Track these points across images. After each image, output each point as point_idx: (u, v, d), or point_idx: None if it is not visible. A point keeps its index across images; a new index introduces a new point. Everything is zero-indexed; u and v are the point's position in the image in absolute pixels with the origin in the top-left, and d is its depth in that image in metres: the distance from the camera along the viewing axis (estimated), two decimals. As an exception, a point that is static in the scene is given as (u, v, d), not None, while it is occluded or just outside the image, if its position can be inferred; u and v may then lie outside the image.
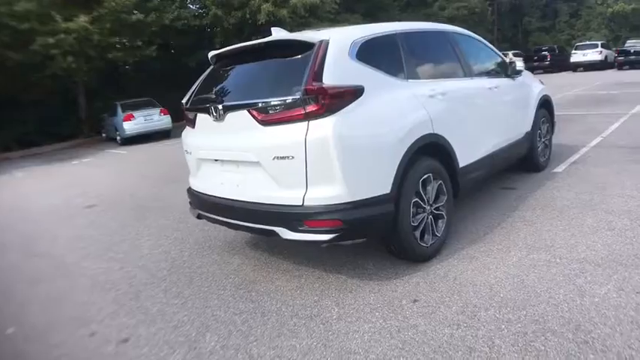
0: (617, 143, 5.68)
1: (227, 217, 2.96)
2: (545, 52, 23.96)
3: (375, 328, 2.31)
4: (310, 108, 2.42)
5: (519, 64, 4.43)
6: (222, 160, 2.95)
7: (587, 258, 2.78)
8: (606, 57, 22.69)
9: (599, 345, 1.97)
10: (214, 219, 3.12)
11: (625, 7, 32.57)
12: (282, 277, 3.01)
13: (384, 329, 2.30)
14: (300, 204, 2.51)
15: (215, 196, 3.01)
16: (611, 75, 18.54)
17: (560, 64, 23.75)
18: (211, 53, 3.28)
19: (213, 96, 2.95)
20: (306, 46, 2.62)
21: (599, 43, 23.41)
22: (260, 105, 2.61)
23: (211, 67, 3.32)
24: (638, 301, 2.25)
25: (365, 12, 18.60)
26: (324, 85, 2.42)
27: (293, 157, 2.47)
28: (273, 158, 2.55)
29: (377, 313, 2.45)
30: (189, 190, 3.38)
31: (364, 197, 2.50)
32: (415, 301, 2.52)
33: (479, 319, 2.28)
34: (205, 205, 3.15)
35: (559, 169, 4.78)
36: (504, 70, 4.13)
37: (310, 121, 2.43)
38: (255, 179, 2.72)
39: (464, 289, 2.58)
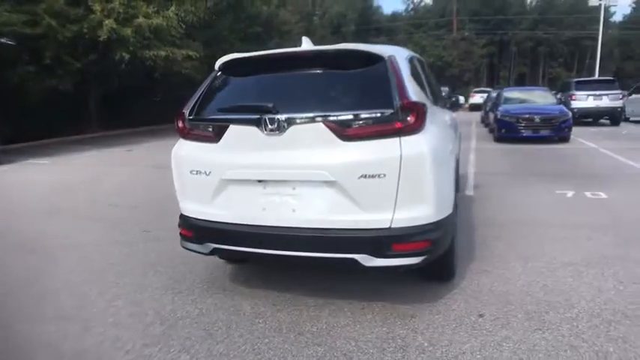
0: (486, 170, 7.04)
1: (273, 249, 2.54)
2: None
3: (476, 346, 2.31)
4: (403, 124, 2.33)
5: (461, 98, 5.03)
6: (268, 181, 2.52)
7: (572, 261, 3.36)
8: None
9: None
10: (246, 252, 2.65)
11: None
12: (324, 314, 2.72)
13: (487, 344, 2.32)
14: (388, 226, 2.36)
15: (252, 225, 2.56)
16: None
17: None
18: (227, 58, 2.81)
19: (267, 105, 2.48)
20: (374, 59, 2.54)
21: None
22: (341, 118, 2.37)
23: (219, 74, 2.87)
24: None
25: (205, 40, 18.72)
26: (417, 101, 2.39)
27: (384, 176, 2.31)
28: (359, 177, 2.33)
29: (461, 333, 2.44)
30: (189, 221, 2.79)
31: (444, 216, 2.51)
32: (481, 315, 2.62)
33: (549, 321, 2.51)
34: (230, 237, 2.63)
35: (470, 192, 5.63)
36: (445, 102, 4.50)
37: (402, 137, 2.34)
38: (323, 201, 2.43)
39: (510, 297, 2.81)
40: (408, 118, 2.33)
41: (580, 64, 52.19)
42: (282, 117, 2.42)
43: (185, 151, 2.77)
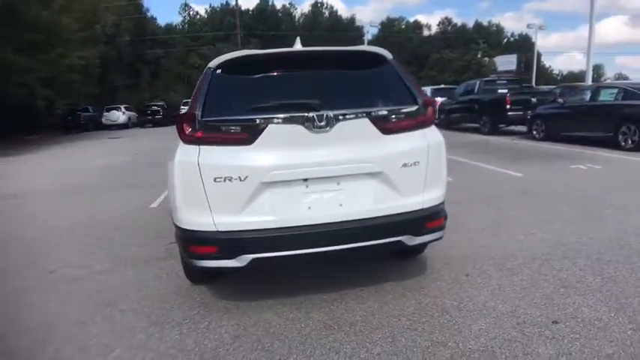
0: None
1: (319, 247, 2.48)
2: (158, 108, 26.03)
3: (488, 293, 2.83)
4: (425, 117, 2.66)
5: None
6: (311, 179, 2.45)
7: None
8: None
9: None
10: (295, 257, 2.47)
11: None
12: (352, 304, 2.80)
13: (491, 291, 2.86)
14: (422, 207, 2.64)
15: (297, 226, 2.44)
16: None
17: (172, 118, 26.77)
18: (233, 56, 2.55)
19: (314, 102, 2.39)
20: (381, 60, 2.76)
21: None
22: (382, 113, 2.54)
23: (218, 71, 2.59)
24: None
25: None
26: (431, 97, 2.69)
27: (418, 163, 2.60)
28: (401, 166, 2.54)
29: (469, 289, 2.92)
30: (208, 235, 2.43)
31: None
32: (467, 275, 3.17)
33: (510, 268, 3.26)
34: (273, 244, 2.44)
35: (155, 204, 5.57)
36: None
37: (424, 129, 2.67)
38: (366, 192, 2.54)
39: (475, 257, 3.45)
40: (427, 112, 2.67)
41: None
42: (331, 113, 2.42)
43: (205, 158, 2.40)
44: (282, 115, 2.43)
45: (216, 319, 2.69)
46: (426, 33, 63.58)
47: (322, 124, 2.41)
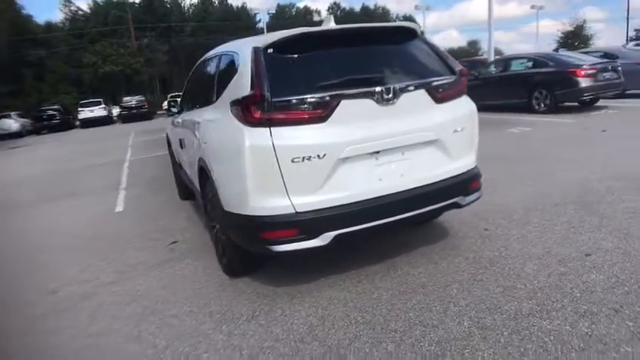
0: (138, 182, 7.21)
1: (391, 217, 2.52)
2: (54, 112, 23.03)
3: (511, 242, 3.12)
4: (462, 86, 2.80)
5: None
6: (382, 151, 2.46)
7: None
8: (110, 112, 25.18)
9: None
10: (371, 229, 2.47)
11: (114, 68, 36.42)
12: (382, 275, 2.88)
13: (508, 241, 3.16)
14: (467, 169, 2.80)
15: (371, 199, 2.45)
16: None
17: (69, 122, 23.94)
18: (286, 35, 2.42)
19: (379, 77, 2.36)
20: (414, 34, 2.82)
21: (101, 100, 25.52)
22: (434, 84, 2.63)
23: (270, 51, 2.44)
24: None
25: None
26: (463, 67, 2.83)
27: (464, 129, 2.75)
28: (452, 132, 2.67)
29: (491, 243, 3.19)
30: (286, 218, 2.34)
31: None
32: (486, 229, 3.43)
33: (519, 219, 3.61)
34: (352, 218, 2.41)
35: (120, 207, 5.48)
36: None
37: (463, 97, 2.82)
38: (425, 160, 2.63)
39: (487, 214, 3.73)
40: (463, 81, 2.81)
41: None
42: (397, 86, 2.44)
43: (280, 139, 2.28)
44: (353, 91, 2.40)
45: (287, 305, 2.59)
46: (316, 18, 65.21)
47: (389, 96, 2.44)
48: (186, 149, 3.79)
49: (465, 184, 2.79)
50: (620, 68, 9.22)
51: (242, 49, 2.66)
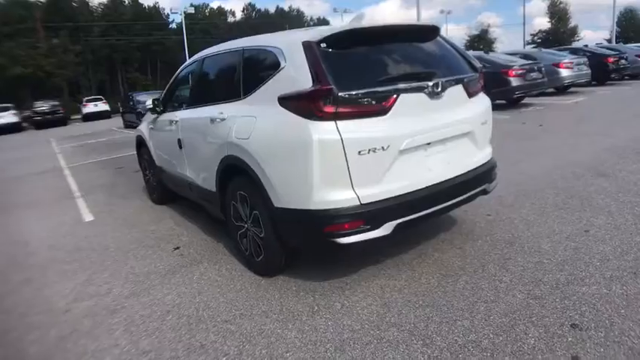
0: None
1: (439, 205, 2.66)
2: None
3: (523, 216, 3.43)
4: (482, 83, 3.01)
5: None
6: (432, 143, 2.59)
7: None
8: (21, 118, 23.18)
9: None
10: (423, 217, 2.58)
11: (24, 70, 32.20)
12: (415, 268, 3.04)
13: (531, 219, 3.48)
14: (489, 158, 3.04)
15: (423, 188, 2.56)
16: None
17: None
18: (336, 30, 2.45)
19: (425, 72, 2.49)
20: (438, 32, 2.97)
21: (10, 105, 22.93)
22: (467, 80, 2.81)
23: (323, 45, 2.43)
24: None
25: None
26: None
27: (488, 121, 2.99)
28: (480, 124, 2.88)
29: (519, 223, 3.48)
30: (351, 211, 2.35)
31: None
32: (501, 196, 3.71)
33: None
34: (404, 209, 2.49)
35: (89, 217, 4.95)
36: None
37: (483, 93, 3.03)
38: (460, 150, 2.82)
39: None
40: (482, 77, 3.03)
41: (153, 68, 56.55)
42: (444, 80, 2.57)
43: (347, 132, 2.29)
44: (410, 85, 2.49)
45: (342, 298, 2.60)
46: (230, 19, 64.54)
47: (438, 90, 2.57)
48: (193, 149, 3.57)
49: (489, 172, 3.02)
50: (543, 69, 10.43)
51: (285, 44, 2.62)
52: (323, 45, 2.45)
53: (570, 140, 6.40)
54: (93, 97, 28.97)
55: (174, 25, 58.39)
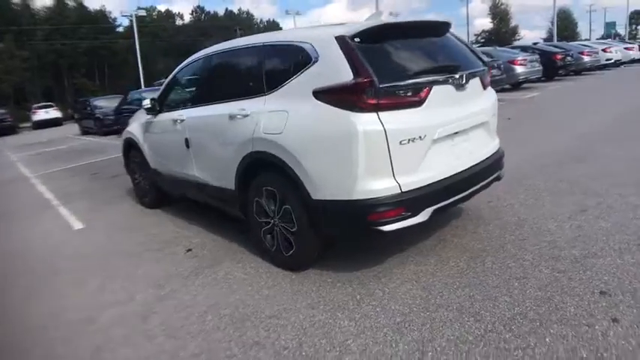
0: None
1: (466, 191, 2.78)
2: None
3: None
4: (489, 76, 3.16)
5: None
6: (458, 132, 2.70)
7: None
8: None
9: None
10: (453, 203, 2.71)
11: None
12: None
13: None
14: (499, 147, 3.20)
15: (452, 175, 2.68)
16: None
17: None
18: (369, 25, 2.51)
19: (451, 65, 2.63)
20: (449, 28, 3.08)
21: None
22: (481, 73, 2.95)
23: (357, 40, 2.48)
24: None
25: None
26: None
27: (496, 113, 3.16)
28: (492, 115, 3.05)
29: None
30: (393, 199, 2.43)
31: None
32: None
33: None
34: (438, 195, 2.60)
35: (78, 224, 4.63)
36: None
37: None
38: (478, 139, 2.96)
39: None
40: (489, 73, 3.20)
41: (101, 73, 53.88)
42: (468, 72, 2.70)
43: (389, 123, 2.36)
44: (441, 77, 2.59)
45: (381, 285, 2.65)
46: (179, 22, 63.17)
47: (463, 82, 2.70)
48: (204, 148, 3.48)
49: (500, 160, 3.19)
50: (502, 66, 11.05)
51: (315, 40, 2.64)
52: (357, 40, 2.50)
53: (540, 131, 6.85)
54: (43, 103, 27.16)
55: (121, 29, 56.18)
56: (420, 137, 2.47)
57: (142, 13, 36.85)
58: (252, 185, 3.04)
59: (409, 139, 2.43)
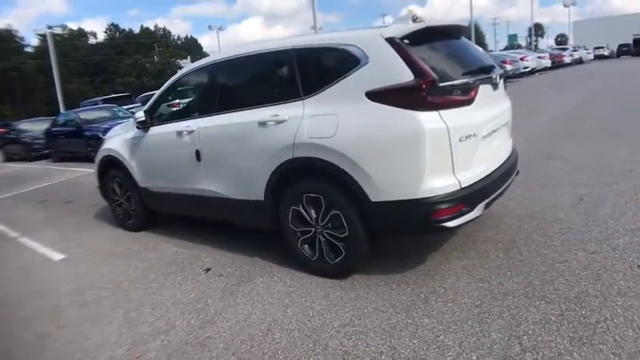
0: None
1: (503, 186, 2.91)
2: None
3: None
4: None
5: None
6: (495, 130, 2.83)
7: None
8: None
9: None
10: (496, 197, 2.82)
11: None
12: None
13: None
14: (513, 145, 3.40)
15: (492, 173, 2.79)
16: None
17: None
18: (419, 27, 2.59)
19: (487, 65, 2.78)
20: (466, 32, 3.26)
21: None
22: (503, 73, 3.12)
23: (406, 41, 2.54)
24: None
25: None
26: None
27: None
28: (510, 115, 3.19)
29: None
30: (453, 195, 2.47)
31: None
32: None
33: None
34: (488, 190, 2.70)
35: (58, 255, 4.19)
36: None
37: None
38: (504, 137, 3.14)
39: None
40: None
41: (11, 96, 48.59)
42: (499, 73, 2.84)
43: (449, 121, 2.43)
44: (485, 76, 2.73)
45: (439, 282, 2.68)
46: (92, 41, 60.04)
47: (497, 82, 2.86)
48: (223, 159, 3.29)
49: (517, 156, 3.39)
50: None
51: (362, 41, 2.63)
52: (406, 41, 2.55)
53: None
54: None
55: (29, 49, 51.53)
56: (474, 134, 2.57)
57: (58, 30, 33.99)
58: (287, 194, 2.93)
59: (466, 136, 2.52)
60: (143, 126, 3.96)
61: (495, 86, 2.88)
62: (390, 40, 2.53)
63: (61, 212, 5.87)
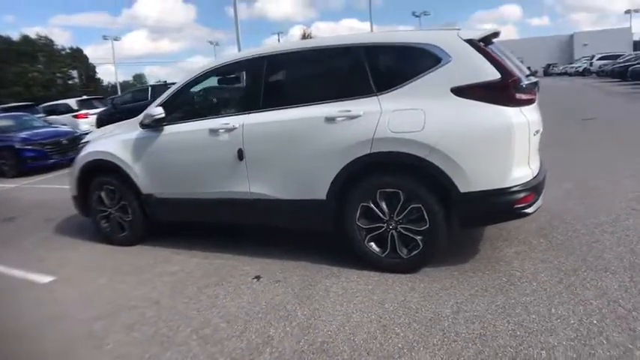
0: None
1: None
2: None
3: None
4: None
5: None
6: (537, 131, 3.05)
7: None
8: None
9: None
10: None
11: None
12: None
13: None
14: None
15: (540, 172, 3.03)
16: None
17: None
18: (487, 32, 2.79)
19: (529, 68, 2.92)
20: None
21: None
22: None
23: (480, 44, 2.73)
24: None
25: None
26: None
27: None
28: None
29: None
30: (527, 186, 2.69)
31: None
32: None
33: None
34: (541, 187, 2.91)
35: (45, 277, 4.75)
36: None
37: None
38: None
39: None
40: None
41: None
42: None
43: (528, 116, 2.67)
44: (535, 80, 3.00)
45: (498, 274, 2.78)
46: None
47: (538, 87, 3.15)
48: (275, 158, 3.10)
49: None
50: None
51: (442, 42, 2.74)
52: (481, 43, 2.73)
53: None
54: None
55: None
56: (538, 130, 2.86)
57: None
58: (357, 190, 2.87)
59: (536, 131, 2.80)
60: (157, 124, 3.51)
61: (538, 90, 3.22)
62: (470, 42, 2.70)
63: (9, 230, 4.87)
